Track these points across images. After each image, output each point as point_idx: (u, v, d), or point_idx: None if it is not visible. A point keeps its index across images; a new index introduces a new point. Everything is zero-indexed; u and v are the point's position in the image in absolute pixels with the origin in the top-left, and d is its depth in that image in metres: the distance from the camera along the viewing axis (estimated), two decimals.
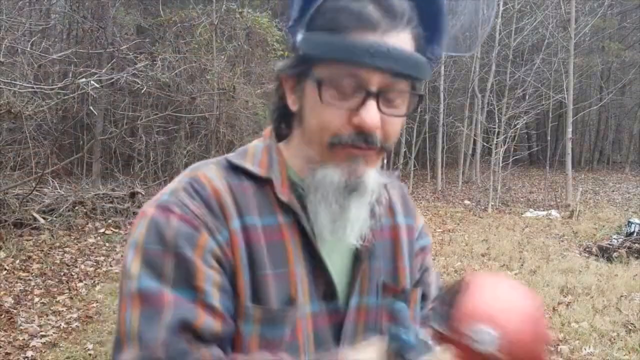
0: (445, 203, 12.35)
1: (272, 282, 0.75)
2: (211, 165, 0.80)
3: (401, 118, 0.76)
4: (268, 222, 0.77)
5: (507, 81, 14.07)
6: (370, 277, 0.84)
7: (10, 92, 5.92)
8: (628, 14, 20.46)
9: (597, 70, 19.15)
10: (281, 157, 0.82)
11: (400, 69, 0.70)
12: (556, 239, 8.36)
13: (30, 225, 6.60)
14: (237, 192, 0.77)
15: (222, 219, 0.74)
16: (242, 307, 0.73)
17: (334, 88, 0.71)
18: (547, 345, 0.67)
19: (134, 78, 6.71)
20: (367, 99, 0.71)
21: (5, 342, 3.84)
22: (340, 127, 0.72)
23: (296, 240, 0.78)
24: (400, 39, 0.71)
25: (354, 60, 0.69)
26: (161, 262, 0.70)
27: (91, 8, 10.34)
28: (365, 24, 0.69)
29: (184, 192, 0.75)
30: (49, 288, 4.98)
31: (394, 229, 0.91)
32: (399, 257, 0.89)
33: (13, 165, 7.81)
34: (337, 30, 0.70)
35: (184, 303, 0.69)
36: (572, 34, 12.44)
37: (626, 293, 5.38)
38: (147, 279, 0.70)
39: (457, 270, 6.22)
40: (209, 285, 0.71)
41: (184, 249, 0.71)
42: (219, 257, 0.73)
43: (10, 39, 6.00)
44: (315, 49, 0.72)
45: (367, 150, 0.74)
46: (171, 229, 0.71)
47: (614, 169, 21.56)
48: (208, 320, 0.69)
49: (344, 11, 0.70)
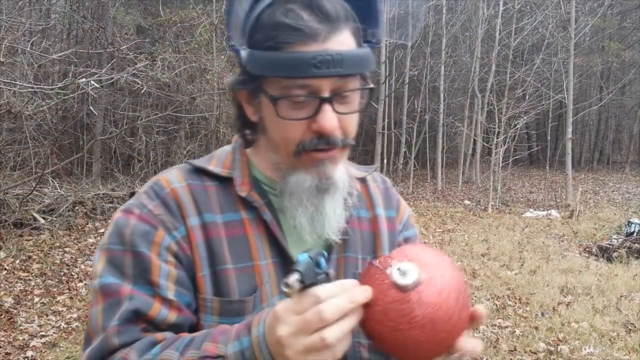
0: (445, 203, 12.35)
1: (233, 276, 0.78)
2: (174, 170, 0.86)
3: (357, 112, 0.79)
4: (230, 218, 0.81)
5: (507, 81, 14.07)
6: (345, 270, 0.86)
7: (11, 92, 5.91)
8: (628, 14, 20.45)
9: (597, 70, 19.15)
10: (244, 157, 0.86)
11: (347, 70, 0.72)
12: (556, 239, 8.36)
13: (30, 225, 6.59)
14: (197, 191, 0.81)
15: (179, 217, 0.79)
16: (202, 299, 0.78)
17: (287, 101, 0.73)
18: (465, 317, 0.67)
19: (134, 78, 6.70)
20: (322, 105, 0.73)
21: (5, 342, 3.84)
22: (302, 136, 0.75)
23: (261, 233, 0.82)
24: (341, 40, 0.73)
25: (300, 74, 0.71)
26: (121, 260, 0.76)
27: (91, 8, 10.34)
28: (305, 36, 0.71)
29: (145, 194, 0.81)
30: (49, 288, 4.98)
31: (373, 221, 0.93)
32: (379, 248, 0.91)
33: (13, 165, 7.81)
34: (279, 47, 0.71)
35: (140, 296, 0.74)
36: (572, 34, 12.43)
37: (626, 293, 5.38)
38: (109, 276, 0.76)
39: None
40: (164, 279, 0.75)
41: (140, 246, 0.76)
42: (175, 253, 0.77)
43: (10, 38, 5.99)
44: (261, 67, 0.73)
45: (331, 152, 0.77)
46: (129, 229, 0.77)
47: (614, 169, 21.56)
48: (163, 312, 0.74)
49: (281, 27, 0.71)
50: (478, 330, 4.32)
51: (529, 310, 4.88)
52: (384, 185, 1.00)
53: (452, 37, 15.94)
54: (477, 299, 5.09)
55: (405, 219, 0.99)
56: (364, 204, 0.93)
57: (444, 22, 14.45)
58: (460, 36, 16.34)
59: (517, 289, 5.50)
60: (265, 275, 0.80)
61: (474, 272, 6.12)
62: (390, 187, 1.01)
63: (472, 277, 5.94)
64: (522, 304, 5.07)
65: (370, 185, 0.97)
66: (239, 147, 0.87)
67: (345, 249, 0.87)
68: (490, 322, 4.53)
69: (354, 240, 0.88)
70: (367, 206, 0.94)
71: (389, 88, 14.23)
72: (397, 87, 15.05)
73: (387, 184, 1.00)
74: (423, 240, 7.75)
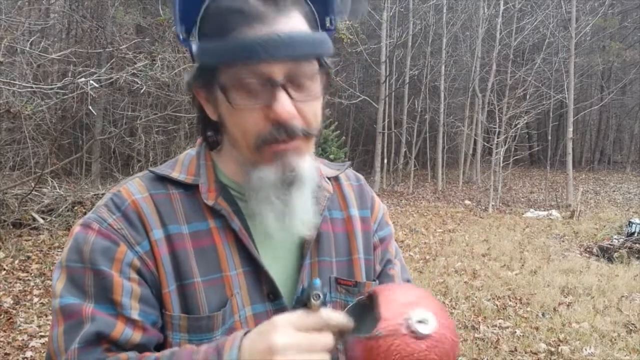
0: (445, 203, 12.33)
1: (202, 290, 0.75)
2: (136, 178, 0.81)
3: (318, 99, 0.74)
4: (196, 228, 0.77)
5: (507, 81, 14.07)
6: (320, 274, 0.83)
7: (10, 92, 5.90)
8: (629, 14, 20.42)
9: (597, 70, 19.12)
10: (209, 161, 0.82)
11: (298, 52, 0.68)
12: (557, 239, 8.35)
13: (30, 225, 6.58)
14: (160, 202, 0.77)
15: (142, 231, 0.75)
16: (169, 316, 0.74)
17: (241, 90, 0.70)
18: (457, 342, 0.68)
19: (134, 78, 6.69)
20: (275, 91, 0.69)
21: (4, 342, 3.83)
22: (260, 127, 0.71)
23: (230, 242, 0.78)
24: (291, 22, 0.69)
25: (248, 58, 0.67)
26: (81, 279, 0.72)
27: (90, 7, 10.34)
28: (250, 18, 0.68)
29: (105, 207, 0.76)
30: (48, 288, 4.97)
31: (347, 222, 0.89)
32: (353, 249, 0.88)
33: (12, 165, 7.80)
34: (226, 32, 0.68)
35: (103, 316, 0.70)
36: (573, 33, 12.42)
37: (627, 293, 5.36)
38: (69, 296, 0.71)
39: (458, 270, 6.21)
40: (127, 297, 0.72)
41: (100, 264, 0.72)
42: (138, 269, 0.73)
43: (10, 38, 5.97)
44: (210, 56, 0.70)
45: (292, 142, 0.72)
46: (88, 245, 0.73)
47: (615, 169, 21.53)
48: (127, 332, 0.71)
49: (228, 12, 0.69)
50: (479, 331, 4.31)
51: (530, 310, 4.87)
52: (357, 182, 0.96)
53: (453, 37, 15.92)
54: (478, 300, 5.08)
55: (380, 217, 0.95)
56: (337, 205, 0.90)
57: (445, 22, 14.44)
58: (460, 35, 16.33)
59: (518, 289, 5.48)
60: (236, 285, 0.77)
61: (474, 273, 6.11)
62: (365, 185, 0.97)
63: (473, 277, 5.93)
64: (522, 304, 5.05)
65: (344, 184, 0.93)
66: (204, 150, 0.83)
67: (319, 253, 0.84)
68: (491, 323, 4.52)
69: (328, 243, 0.85)
70: (340, 207, 0.90)
71: (389, 88, 14.22)
72: (398, 86, 15.04)
73: (361, 182, 0.97)
74: (423, 241, 7.74)
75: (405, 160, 15.79)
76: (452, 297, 5.14)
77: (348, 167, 0.95)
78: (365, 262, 0.89)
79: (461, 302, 5.00)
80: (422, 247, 7.40)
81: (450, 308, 4.86)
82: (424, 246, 7.43)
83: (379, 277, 0.92)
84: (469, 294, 5.26)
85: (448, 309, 4.77)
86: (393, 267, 0.95)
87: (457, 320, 4.53)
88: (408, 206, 11.48)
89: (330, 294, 0.84)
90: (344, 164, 0.95)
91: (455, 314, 4.68)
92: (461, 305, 4.93)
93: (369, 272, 0.90)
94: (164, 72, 7.21)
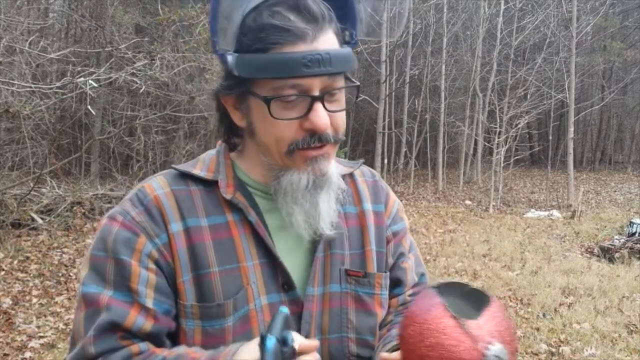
0: (446, 203, 12.31)
1: (218, 279, 0.80)
2: (159, 176, 0.87)
3: (344, 109, 0.81)
4: (215, 221, 0.82)
5: (508, 80, 14.05)
6: (332, 266, 0.88)
7: (8, 92, 5.89)
8: (630, 13, 20.39)
9: (598, 70, 19.09)
10: (228, 160, 0.88)
11: (335, 69, 0.75)
12: (558, 240, 8.33)
13: (29, 225, 6.57)
14: (181, 197, 0.83)
15: (161, 224, 0.80)
16: (182, 305, 0.80)
17: (279, 101, 0.75)
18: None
19: (133, 77, 6.67)
20: (314, 104, 0.75)
21: (3, 343, 3.83)
22: (294, 135, 0.77)
23: (247, 235, 0.83)
24: (328, 40, 0.76)
25: (292, 74, 0.73)
26: (104, 267, 0.78)
27: (89, 7, 10.33)
28: (293, 36, 0.73)
29: (129, 201, 0.83)
30: (47, 289, 4.96)
31: (360, 216, 0.94)
32: (366, 242, 0.92)
33: (11, 165, 7.79)
34: (268, 48, 0.73)
35: (118, 305, 0.76)
36: (574, 33, 12.40)
37: (628, 294, 5.35)
38: (91, 284, 0.78)
39: (458, 271, 6.19)
40: (143, 286, 0.77)
41: (121, 254, 0.78)
42: (156, 260, 0.79)
43: (8, 38, 5.96)
44: (250, 70, 0.75)
45: (323, 149, 0.79)
46: (112, 236, 0.79)
47: (616, 169, 21.50)
48: (139, 321, 0.76)
49: (270, 28, 0.73)
50: None
51: (531, 311, 4.85)
52: (372, 178, 1.00)
53: (453, 36, 15.90)
54: None
55: (394, 212, 1.00)
56: (352, 200, 0.94)
57: (445, 21, 14.42)
58: (461, 35, 16.30)
59: (519, 289, 5.47)
60: (252, 275, 0.81)
61: (475, 273, 6.09)
62: (379, 180, 1.01)
63: (473, 277, 5.91)
64: (523, 304, 5.04)
65: (358, 180, 0.98)
66: (223, 150, 0.89)
67: (331, 246, 0.88)
68: None
69: (340, 237, 0.89)
70: (354, 201, 0.95)
71: (390, 87, 14.19)
72: (398, 86, 15.01)
73: (375, 177, 1.01)
74: (424, 242, 7.71)
75: (406, 160, 15.76)
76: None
77: (361, 165, 1.00)
78: (377, 254, 0.93)
79: None
80: (423, 247, 7.38)
81: None
82: (424, 247, 7.41)
83: (391, 269, 0.96)
84: None
85: None
86: (406, 260, 0.99)
87: None
88: (408, 206, 11.46)
89: (340, 285, 0.88)
90: (358, 162, 1.00)
91: None
92: None
93: (381, 264, 0.94)
94: (163, 72, 7.20)
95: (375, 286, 0.91)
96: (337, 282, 0.88)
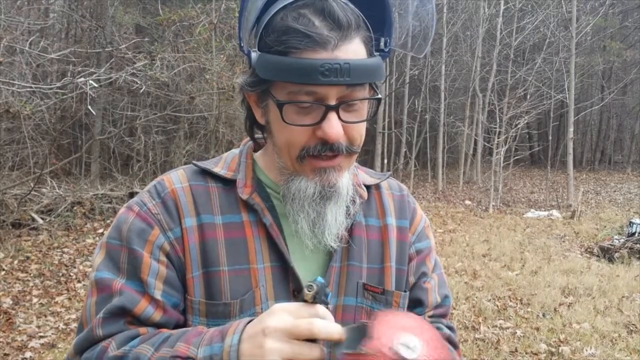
0: (446, 203, 12.31)
1: (226, 279, 0.79)
2: (180, 170, 0.87)
3: (364, 120, 0.78)
4: (229, 220, 0.82)
5: (508, 80, 14.05)
6: (348, 278, 0.85)
7: (9, 92, 5.89)
8: (629, 13, 20.38)
9: (598, 70, 19.10)
10: (249, 159, 0.87)
11: (354, 80, 0.72)
12: (557, 240, 8.33)
13: (29, 225, 6.57)
14: (198, 193, 0.83)
15: (176, 218, 0.80)
16: (190, 301, 0.80)
17: (293, 106, 0.74)
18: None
19: (133, 77, 6.67)
20: (327, 113, 0.73)
21: (3, 343, 3.83)
22: (306, 141, 0.75)
23: (261, 237, 0.82)
24: (352, 49, 0.73)
25: (307, 81, 0.71)
26: (118, 255, 0.79)
27: (90, 7, 10.33)
28: (314, 42, 0.71)
29: (147, 193, 0.83)
30: (47, 289, 4.96)
31: (383, 230, 0.91)
32: (386, 257, 0.89)
33: (11, 165, 7.78)
34: (288, 52, 0.71)
35: (130, 292, 0.76)
36: (574, 33, 12.41)
37: (627, 294, 5.35)
38: (105, 270, 0.78)
39: (458, 270, 6.19)
40: (153, 277, 0.77)
41: (134, 244, 0.78)
42: (168, 253, 0.79)
43: (9, 38, 5.96)
44: (269, 71, 0.73)
45: (335, 159, 0.76)
46: (127, 225, 0.80)
47: (616, 169, 21.51)
48: (148, 310, 0.76)
49: (292, 32, 0.71)
50: (479, 331, 4.30)
51: (530, 311, 4.85)
52: (399, 193, 0.97)
53: (453, 36, 15.90)
54: (478, 300, 5.06)
55: (420, 230, 0.96)
56: (375, 212, 0.92)
57: (445, 21, 14.42)
58: (461, 35, 16.30)
59: (519, 289, 5.47)
60: (262, 278, 0.80)
61: (475, 273, 6.09)
62: (407, 195, 0.98)
63: (473, 277, 5.92)
64: (523, 304, 5.04)
65: (384, 193, 0.95)
66: (247, 149, 0.89)
67: (349, 257, 0.86)
68: (492, 323, 4.51)
69: (359, 248, 0.87)
70: (377, 214, 0.92)
71: (390, 87, 14.19)
72: (398, 86, 15.01)
73: (403, 192, 0.98)
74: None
75: (406, 161, 15.76)
76: (452, 298, 5.13)
77: (389, 177, 0.98)
78: (397, 272, 0.90)
79: (461, 303, 4.98)
80: None
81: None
82: None
83: (412, 289, 0.92)
84: (469, 294, 5.25)
85: None
86: (429, 280, 0.95)
87: (458, 320, 4.52)
88: None
89: (356, 299, 0.86)
90: (385, 174, 0.97)
91: (455, 314, 4.67)
92: (461, 305, 4.92)
93: (400, 282, 0.90)
94: (163, 72, 7.21)
95: (392, 304, 0.87)
96: (352, 295, 0.85)
